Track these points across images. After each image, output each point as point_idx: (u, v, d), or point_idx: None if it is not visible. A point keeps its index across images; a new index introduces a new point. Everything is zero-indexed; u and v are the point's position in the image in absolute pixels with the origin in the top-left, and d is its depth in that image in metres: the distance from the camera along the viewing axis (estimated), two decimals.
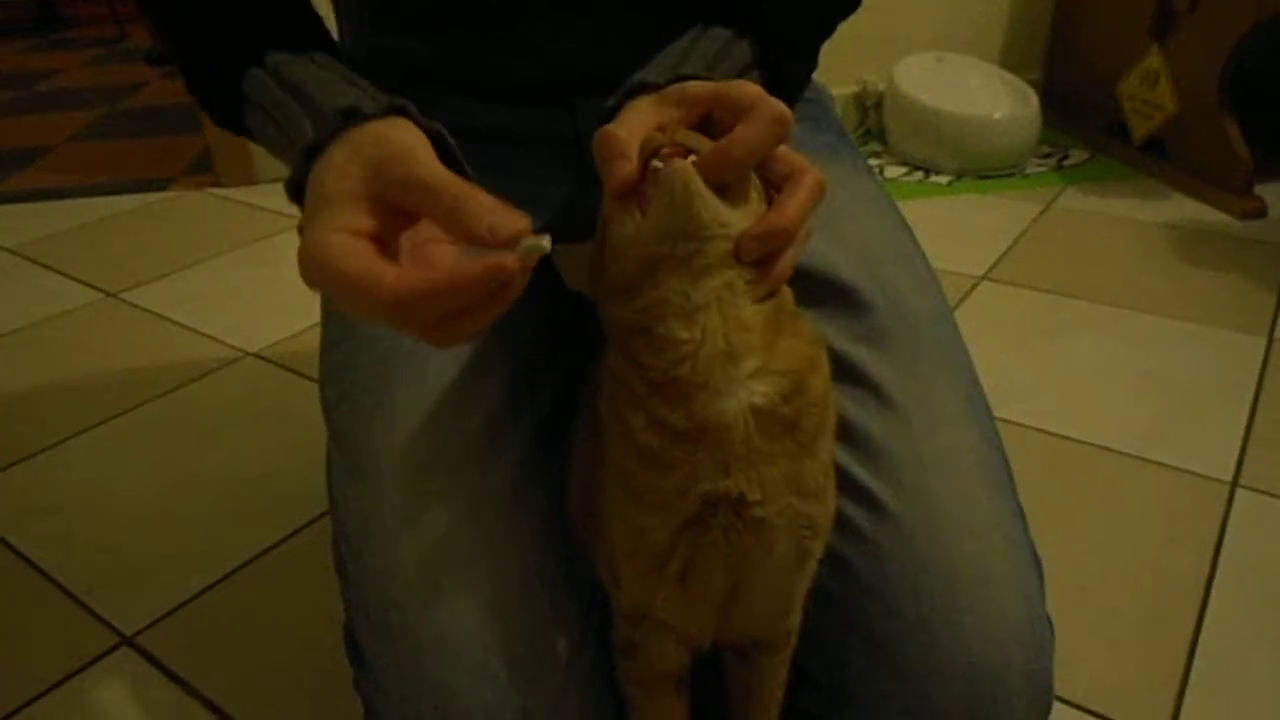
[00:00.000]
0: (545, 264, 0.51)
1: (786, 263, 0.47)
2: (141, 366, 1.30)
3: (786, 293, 0.49)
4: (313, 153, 0.47)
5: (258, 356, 1.32)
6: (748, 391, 0.44)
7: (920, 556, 0.58)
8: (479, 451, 0.59)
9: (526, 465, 0.60)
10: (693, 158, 0.43)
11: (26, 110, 2.81)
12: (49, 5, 4.00)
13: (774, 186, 0.48)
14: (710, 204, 0.43)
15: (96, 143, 2.45)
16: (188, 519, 1.02)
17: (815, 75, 0.86)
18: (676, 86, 0.52)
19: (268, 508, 1.02)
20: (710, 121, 0.50)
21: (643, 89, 0.55)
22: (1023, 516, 0.63)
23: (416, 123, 0.49)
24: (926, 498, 0.60)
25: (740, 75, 0.62)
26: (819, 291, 0.67)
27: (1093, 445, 1.08)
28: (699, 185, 0.42)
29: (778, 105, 0.45)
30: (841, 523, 0.60)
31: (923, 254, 0.74)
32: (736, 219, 0.44)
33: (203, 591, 0.91)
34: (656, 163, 0.43)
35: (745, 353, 0.44)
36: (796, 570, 0.52)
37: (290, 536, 0.97)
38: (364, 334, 0.65)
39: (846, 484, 0.61)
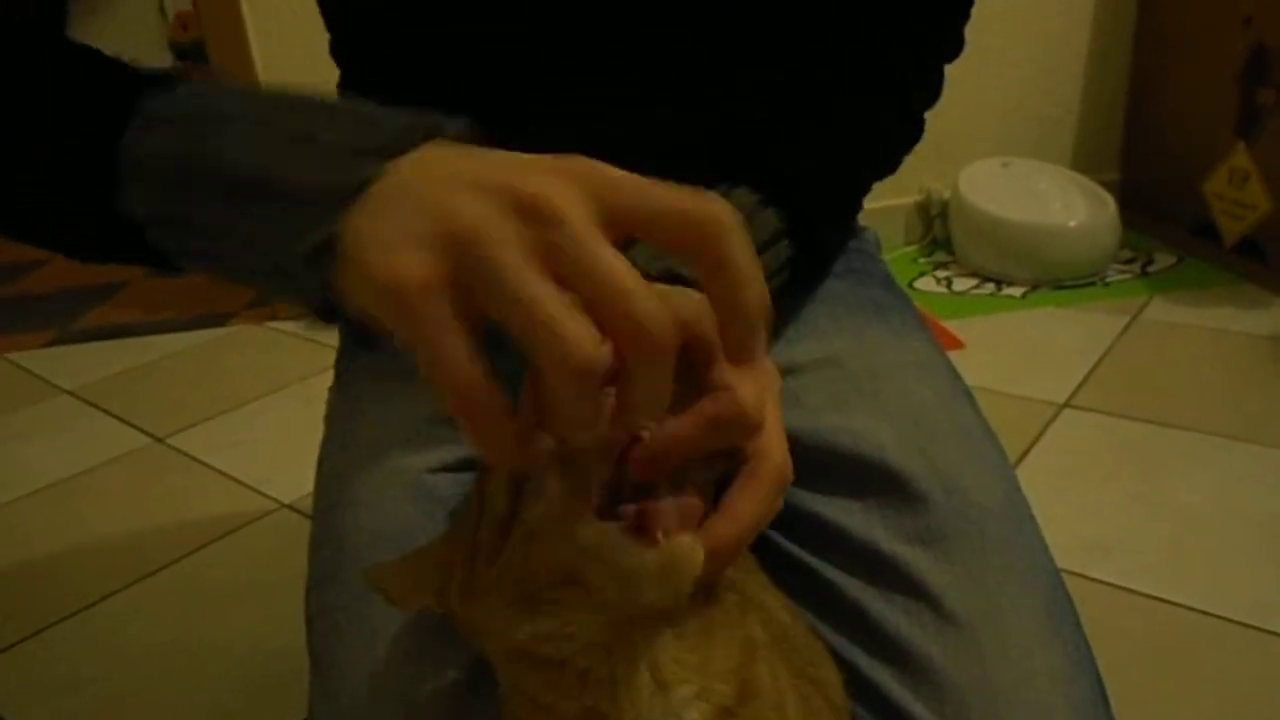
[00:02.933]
0: None
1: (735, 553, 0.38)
2: (175, 521, 1.27)
3: None
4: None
5: (291, 508, 1.27)
6: None
7: None
8: (463, 692, 0.51)
9: None
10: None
11: None
12: None
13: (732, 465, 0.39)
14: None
15: (170, 276, 2.52)
16: (203, 697, 0.95)
17: (873, 187, 0.79)
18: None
19: (285, 686, 0.95)
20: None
21: None
22: None
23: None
24: None
25: (767, 248, 0.55)
26: (861, 479, 0.58)
27: (1199, 611, 0.94)
28: (696, 568, 0.33)
29: (723, 403, 0.35)
30: None
31: (986, 425, 0.64)
32: None
33: None
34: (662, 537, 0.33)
35: (679, 679, 0.36)
36: None
37: None
38: (349, 540, 0.59)
39: None
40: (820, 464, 0.57)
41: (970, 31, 0.67)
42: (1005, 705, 0.50)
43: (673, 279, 0.45)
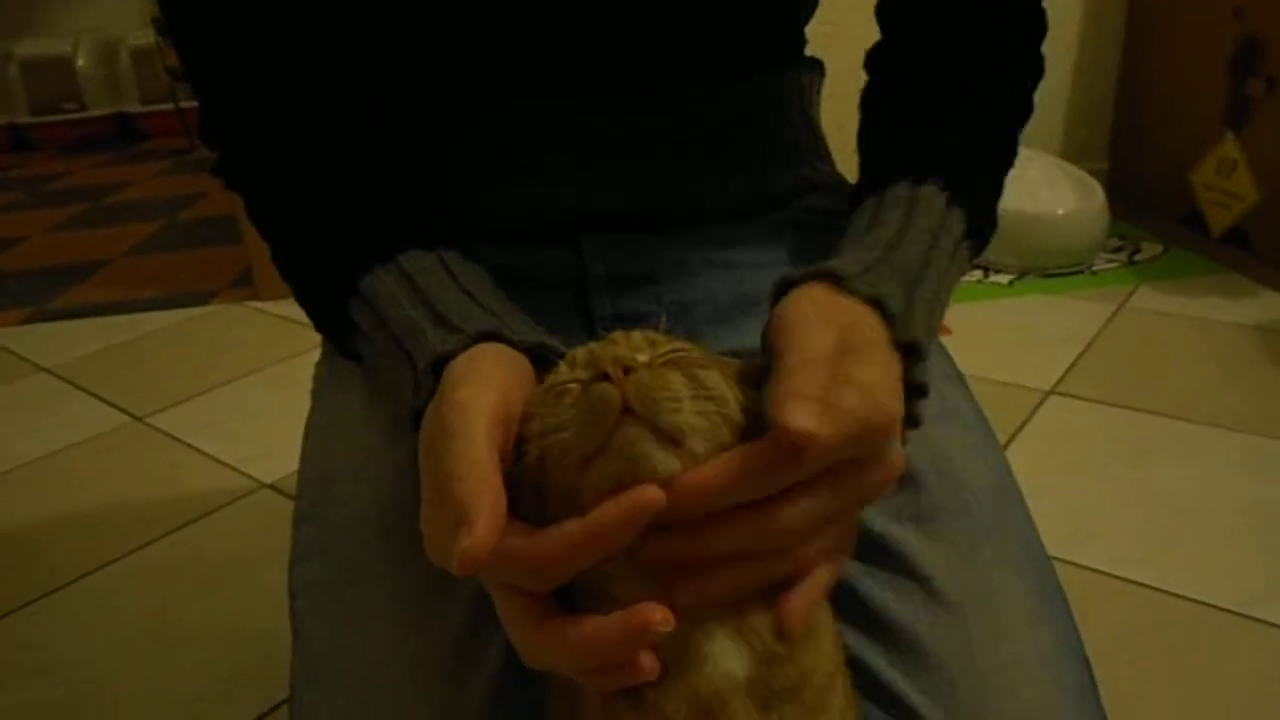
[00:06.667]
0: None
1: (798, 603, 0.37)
2: (154, 499, 1.26)
3: None
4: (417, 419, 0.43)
5: (273, 488, 1.26)
6: None
7: None
8: (449, 668, 0.50)
9: (502, 681, 0.51)
10: None
11: (94, 223, 2.90)
12: (129, 120, 4.19)
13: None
14: None
15: (151, 255, 2.49)
16: (181, 681, 0.94)
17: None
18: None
19: (265, 666, 0.94)
20: None
21: (831, 279, 0.43)
22: None
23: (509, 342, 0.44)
24: None
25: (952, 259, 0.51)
26: None
27: (1185, 598, 0.94)
28: None
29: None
30: None
31: (978, 408, 0.64)
32: None
33: None
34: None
35: None
36: None
37: (281, 705, 0.89)
38: (333, 515, 0.58)
39: (888, 700, 0.50)
40: None
41: None
42: (993, 685, 0.50)
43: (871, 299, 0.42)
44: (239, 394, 1.56)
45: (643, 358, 0.35)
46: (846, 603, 0.52)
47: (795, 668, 0.36)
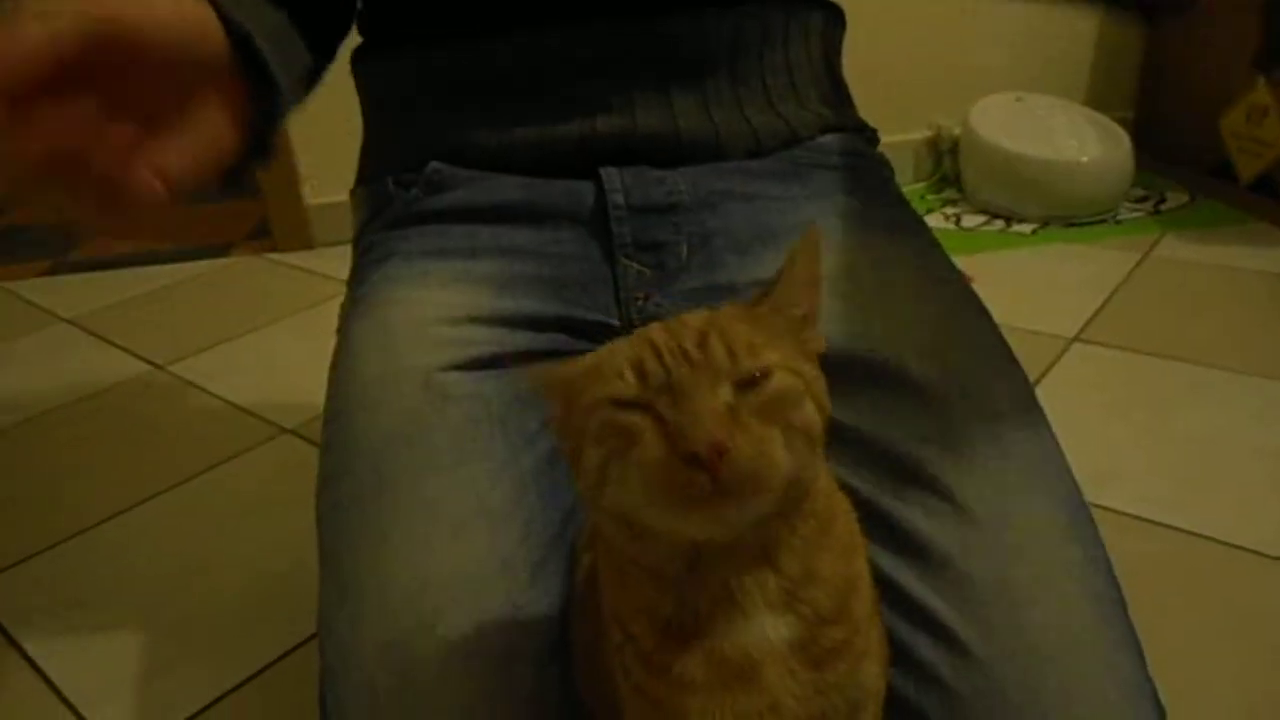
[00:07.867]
0: None
1: None
2: (176, 445, 1.27)
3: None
4: None
5: (294, 433, 1.27)
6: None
7: (1014, 714, 0.47)
8: (473, 589, 0.51)
9: (526, 606, 0.51)
10: None
11: None
12: None
13: None
14: None
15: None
16: (204, 620, 0.95)
17: (883, 123, 0.78)
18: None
19: (286, 608, 0.95)
20: None
21: None
22: (1139, 652, 0.51)
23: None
24: (1019, 638, 0.49)
25: None
26: (877, 383, 0.57)
27: (1211, 539, 0.94)
28: None
29: None
30: (916, 665, 0.49)
31: (1000, 337, 0.63)
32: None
33: (209, 706, 0.84)
34: None
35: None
36: None
37: (303, 644, 0.90)
38: (361, 440, 0.58)
39: (920, 617, 0.50)
40: (835, 369, 0.56)
41: None
42: (1025, 603, 0.50)
43: None
44: (259, 343, 1.57)
45: (724, 394, 0.33)
46: (877, 525, 0.52)
47: (843, 628, 0.36)
